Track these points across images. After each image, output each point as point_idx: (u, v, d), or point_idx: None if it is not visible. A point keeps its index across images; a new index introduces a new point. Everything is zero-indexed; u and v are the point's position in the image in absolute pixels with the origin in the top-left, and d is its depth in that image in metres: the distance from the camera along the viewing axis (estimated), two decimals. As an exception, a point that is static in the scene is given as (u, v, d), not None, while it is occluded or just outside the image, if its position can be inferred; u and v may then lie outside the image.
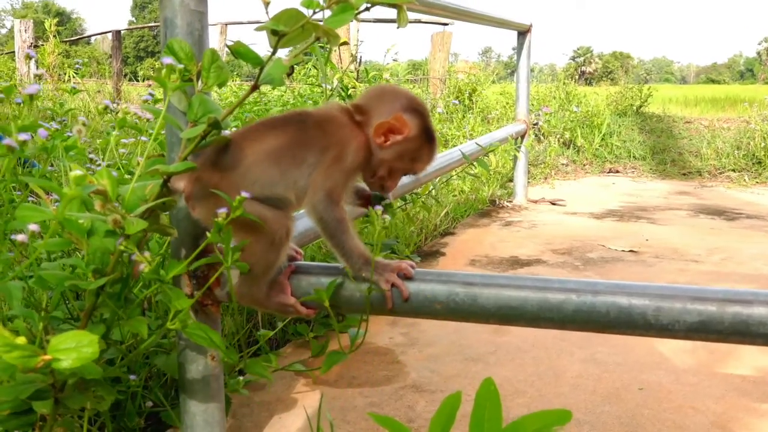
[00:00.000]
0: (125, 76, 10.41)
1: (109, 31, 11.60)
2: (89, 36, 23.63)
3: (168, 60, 0.97)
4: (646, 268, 2.78)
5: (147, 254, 0.94)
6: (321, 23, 0.90)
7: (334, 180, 1.09)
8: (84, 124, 1.12)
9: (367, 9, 1.03)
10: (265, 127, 1.12)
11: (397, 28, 1.04)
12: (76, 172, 0.84)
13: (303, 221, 1.35)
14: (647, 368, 1.83)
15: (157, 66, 1.05)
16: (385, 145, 1.13)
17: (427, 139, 1.15)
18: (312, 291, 1.14)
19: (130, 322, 0.99)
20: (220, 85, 1.07)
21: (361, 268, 1.09)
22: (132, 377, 1.37)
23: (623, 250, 3.05)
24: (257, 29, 0.88)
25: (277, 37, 0.88)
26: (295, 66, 1.00)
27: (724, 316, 1.00)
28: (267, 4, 0.89)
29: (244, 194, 0.98)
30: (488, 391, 0.97)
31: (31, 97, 1.11)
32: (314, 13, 0.88)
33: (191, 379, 1.22)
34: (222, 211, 0.98)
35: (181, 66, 0.98)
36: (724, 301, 1.00)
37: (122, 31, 12.39)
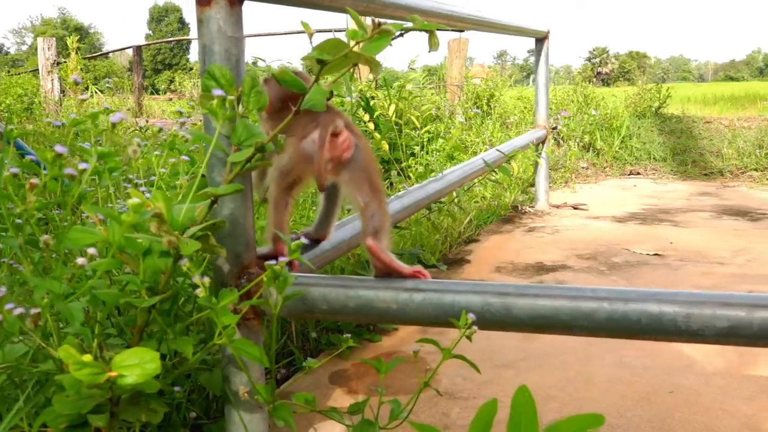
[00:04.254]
0: (145, 89, 10.55)
1: (130, 47, 11.77)
2: (110, 52, 23.84)
3: (218, 92, 1.02)
4: (671, 271, 2.80)
5: (206, 279, 0.99)
6: (360, 52, 0.94)
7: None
8: (139, 145, 1.18)
9: (401, 35, 1.08)
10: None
11: (429, 52, 1.09)
12: (134, 200, 0.89)
13: (340, 232, 1.41)
14: (676, 371, 1.85)
15: (198, 91, 1.10)
16: None
17: None
18: (351, 304, 1.19)
19: (177, 341, 1.04)
20: (260, 110, 1.12)
21: None
22: (176, 389, 1.42)
23: (648, 254, 3.07)
24: (303, 59, 0.93)
25: (321, 65, 0.93)
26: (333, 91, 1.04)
27: (752, 321, 1.03)
28: (311, 35, 0.94)
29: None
30: (524, 397, 1.01)
31: (113, 126, 1.17)
32: (357, 43, 0.93)
33: (236, 390, 1.27)
34: None
35: (231, 97, 1.03)
36: (752, 306, 1.04)
37: (142, 46, 12.54)
